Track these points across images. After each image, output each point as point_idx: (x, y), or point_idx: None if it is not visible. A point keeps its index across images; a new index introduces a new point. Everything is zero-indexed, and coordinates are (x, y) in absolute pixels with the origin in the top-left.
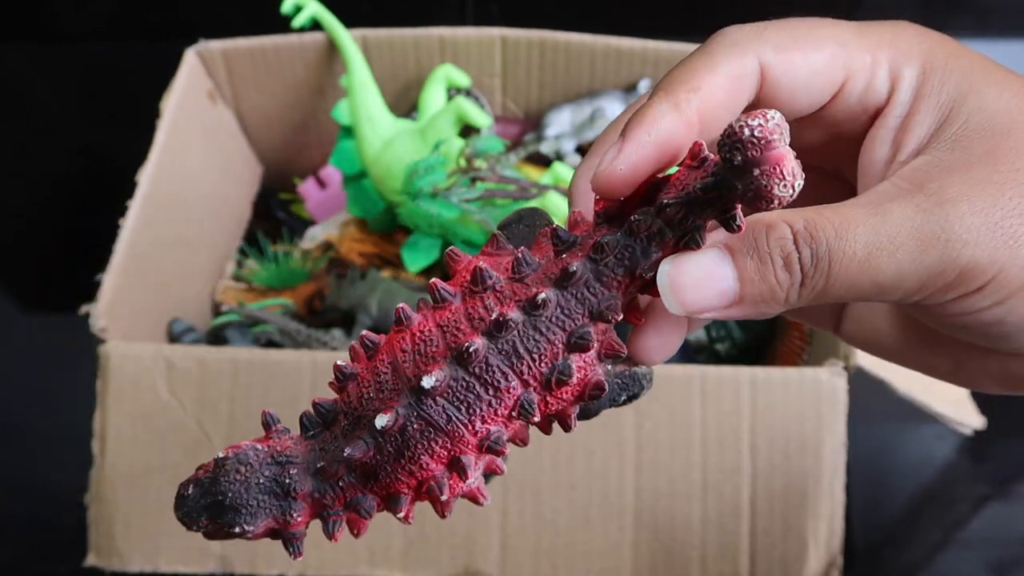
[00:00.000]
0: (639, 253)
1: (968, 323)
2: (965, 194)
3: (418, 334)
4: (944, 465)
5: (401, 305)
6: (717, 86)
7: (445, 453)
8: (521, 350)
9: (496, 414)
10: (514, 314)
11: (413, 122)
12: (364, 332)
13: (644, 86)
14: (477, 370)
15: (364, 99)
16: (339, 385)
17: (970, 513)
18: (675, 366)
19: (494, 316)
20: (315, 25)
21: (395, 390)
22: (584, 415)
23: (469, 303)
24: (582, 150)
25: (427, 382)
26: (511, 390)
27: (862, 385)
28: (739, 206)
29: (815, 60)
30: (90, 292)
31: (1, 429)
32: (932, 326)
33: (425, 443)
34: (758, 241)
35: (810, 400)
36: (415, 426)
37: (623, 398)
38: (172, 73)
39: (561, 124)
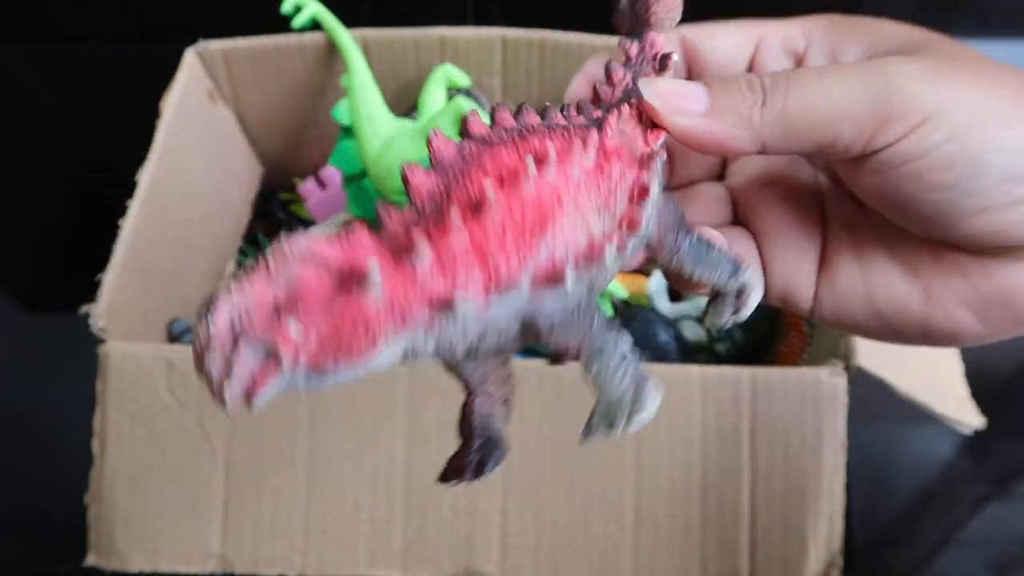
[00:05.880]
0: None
1: (923, 171)
2: (904, 57)
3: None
4: (944, 465)
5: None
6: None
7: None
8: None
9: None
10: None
11: (413, 122)
12: None
13: None
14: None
15: (364, 99)
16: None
17: (970, 513)
18: (675, 366)
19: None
20: (315, 25)
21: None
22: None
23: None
24: None
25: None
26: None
27: (862, 385)
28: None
29: (728, 28)
30: (90, 292)
31: (1, 429)
32: (891, 201)
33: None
34: (728, 77)
35: (810, 400)
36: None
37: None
38: (172, 73)
39: None
